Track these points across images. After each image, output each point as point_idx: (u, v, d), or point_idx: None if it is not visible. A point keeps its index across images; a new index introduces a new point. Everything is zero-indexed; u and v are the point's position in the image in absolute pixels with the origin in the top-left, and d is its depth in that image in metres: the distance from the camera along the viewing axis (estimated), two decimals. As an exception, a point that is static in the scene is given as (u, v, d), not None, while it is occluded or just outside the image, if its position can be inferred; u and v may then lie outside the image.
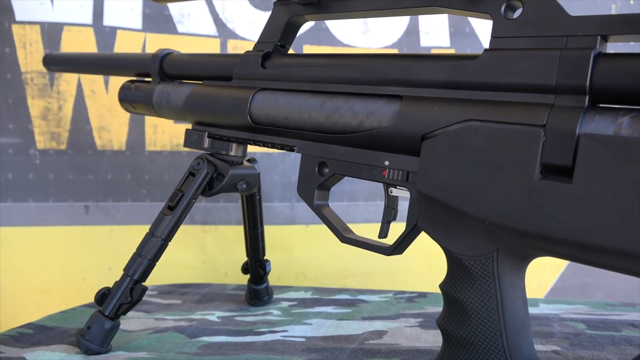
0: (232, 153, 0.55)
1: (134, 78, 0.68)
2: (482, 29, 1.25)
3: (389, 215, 0.45)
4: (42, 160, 1.07)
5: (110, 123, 1.08)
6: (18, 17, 1.04)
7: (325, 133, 0.45)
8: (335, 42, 1.18)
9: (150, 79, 0.64)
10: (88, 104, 1.07)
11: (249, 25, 1.15)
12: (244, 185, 0.55)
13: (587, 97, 0.32)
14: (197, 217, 1.13)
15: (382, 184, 0.44)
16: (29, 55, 1.04)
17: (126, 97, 0.66)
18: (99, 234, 1.10)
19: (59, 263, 1.08)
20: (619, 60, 0.32)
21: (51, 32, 1.05)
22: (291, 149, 0.49)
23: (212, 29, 1.12)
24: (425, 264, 1.18)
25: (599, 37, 0.33)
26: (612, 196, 0.30)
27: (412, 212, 0.41)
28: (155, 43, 1.09)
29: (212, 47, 1.12)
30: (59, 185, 1.08)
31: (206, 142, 0.56)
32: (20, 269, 1.06)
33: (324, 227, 0.53)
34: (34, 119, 1.06)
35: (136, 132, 1.09)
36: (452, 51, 1.25)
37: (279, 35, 0.51)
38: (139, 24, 1.09)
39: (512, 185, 0.33)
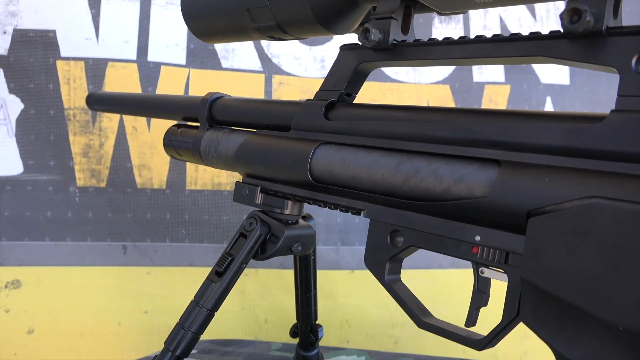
0: (288, 212, 0.49)
1: (181, 122, 0.64)
2: (540, 66, 1.18)
3: (479, 301, 0.38)
4: (81, 198, 1.04)
5: (151, 161, 1.05)
6: (63, 53, 1.02)
7: (401, 198, 0.39)
8: (383, 77, 1.13)
9: (197, 124, 0.59)
10: (129, 141, 1.04)
11: (294, 61, 1.11)
12: (300, 248, 0.49)
13: None
14: (237, 259, 1.07)
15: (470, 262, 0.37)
16: (72, 91, 1.02)
17: (171, 143, 0.61)
18: (136, 275, 1.06)
19: (94, 305, 1.04)
20: None
21: (95, 68, 1.03)
22: (358, 212, 0.43)
23: (256, 64, 1.09)
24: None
25: None
26: None
27: (512, 302, 0.34)
28: (200, 78, 1.06)
29: (257, 82, 1.08)
30: (97, 224, 1.04)
31: (258, 197, 0.50)
32: (55, 311, 1.03)
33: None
34: (75, 155, 1.03)
35: (177, 171, 1.05)
36: (507, 87, 1.18)
37: (345, 83, 0.45)
38: (183, 60, 1.06)
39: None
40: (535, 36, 0.34)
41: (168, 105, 0.63)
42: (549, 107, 1.19)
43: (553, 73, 1.19)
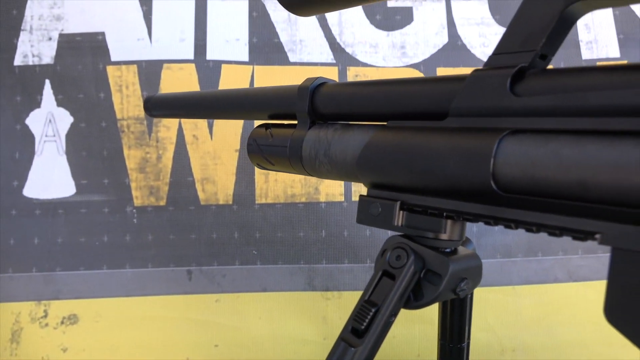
0: (446, 236, 0.34)
1: (268, 121, 0.49)
2: (662, 33, 0.99)
3: None
4: (139, 219, 0.92)
5: (215, 173, 0.92)
6: (114, 57, 0.91)
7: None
8: (476, 61, 0.97)
9: (294, 122, 0.45)
10: (190, 152, 0.92)
11: (371, 49, 0.96)
12: (466, 288, 0.34)
13: None
14: (316, 281, 0.93)
15: None
16: (125, 99, 0.91)
17: (260, 149, 0.47)
18: (204, 304, 0.93)
19: (159, 340, 0.91)
20: None
21: (149, 71, 0.91)
22: (585, 238, 0.27)
23: (328, 56, 0.94)
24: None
25: None
26: None
27: None
28: (265, 76, 0.93)
29: (330, 75, 0.94)
30: (159, 247, 0.92)
31: (399, 217, 0.35)
32: (116, 348, 0.91)
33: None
34: (131, 171, 0.92)
35: (244, 183, 0.92)
36: (624, 63, 0.99)
37: (542, 37, 0.29)
38: (245, 56, 0.93)
39: None
40: None
41: (251, 100, 0.49)
42: None
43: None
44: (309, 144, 0.42)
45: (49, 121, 0.91)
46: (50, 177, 0.91)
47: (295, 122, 0.45)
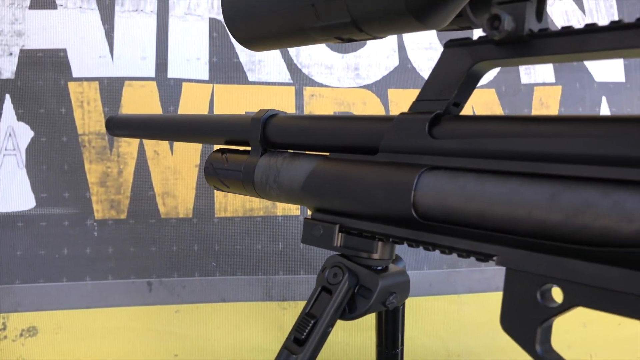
0: (378, 256, 0.39)
1: (224, 147, 0.53)
2: (592, 62, 1.08)
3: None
4: (100, 232, 0.94)
5: (175, 188, 0.95)
6: (75, 74, 0.93)
7: (560, 242, 0.29)
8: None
9: (248, 148, 0.49)
10: (151, 167, 0.94)
11: (326, 70, 1.01)
12: (395, 301, 0.39)
13: None
14: (273, 292, 0.97)
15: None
16: (87, 115, 0.93)
17: (216, 172, 0.51)
18: (164, 314, 0.95)
19: (119, 351, 0.93)
20: None
21: (111, 88, 0.93)
22: (486, 259, 0.33)
23: (286, 76, 0.99)
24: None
25: None
26: None
27: None
28: (225, 94, 0.96)
29: (287, 95, 0.99)
30: (119, 259, 0.94)
31: (338, 239, 0.40)
32: (75, 359, 0.92)
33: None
34: (92, 185, 0.94)
35: (204, 197, 0.95)
36: (559, 88, 1.08)
37: (454, 89, 0.35)
38: (205, 75, 0.97)
39: None
40: None
41: (208, 126, 0.53)
42: (604, 108, 1.08)
43: (607, 70, 1.09)
44: (261, 170, 0.47)
45: (9, 135, 0.92)
46: (9, 191, 0.92)
47: (249, 148, 0.49)
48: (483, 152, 0.33)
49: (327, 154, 0.42)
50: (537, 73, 1.07)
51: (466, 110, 0.38)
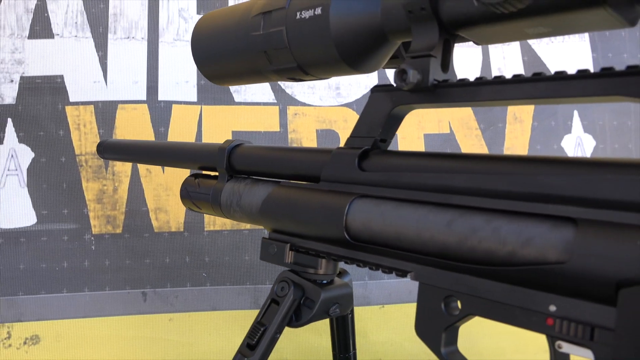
0: (322, 271, 0.45)
1: (197, 172, 0.59)
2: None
3: (557, 378, 0.33)
4: (97, 245, 1.00)
5: (167, 203, 1.01)
6: (72, 98, 0.99)
7: (456, 261, 0.34)
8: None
9: (216, 174, 0.55)
10: (144, 185, 1.00)
11: (308, 90, 1.07)
12: (338, 310, 0.44)
13: None
14: (261, 300, 1.03)
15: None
16: (83, 136, 0.99)
17: (189, 195, 0.57)
18: (158, 323, 1.01)
19: (116, 356, 0.99)
20: None
21: (105, 111, 1.00)
22: (404, 275, 0.38)
23: (270, 96, 1.05)
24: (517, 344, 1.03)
25: None
26: None
27: (604, 385, 0.29)
28: (212, 115, 1.03)
29: (271, 114, 1.05)
30: (115, 272, 1.00)
31: (288, 256, 0.46)
32: (75, 365, 0.98)
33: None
34: (89, 202, 1.00)
35: (194, 212, 1.01)
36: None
37: (379, 128, 0.40)
38: (194, 97, 1.03)
39: None
40: (611, 73, 0.29)
41: (183, 154, 0.59)
42: (576, 120, 1.13)
43: (578, 84, 1.13)
44: (226, 195, 0.52)
45: (11, 156, 0.99)
46: (12, 208, 0.99)
47: (217, 174, 0.55)
48: (400, 184, 0.38)
49: (280, 180, 0.48)
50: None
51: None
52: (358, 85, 1.08)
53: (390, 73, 1.09)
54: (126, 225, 1.01)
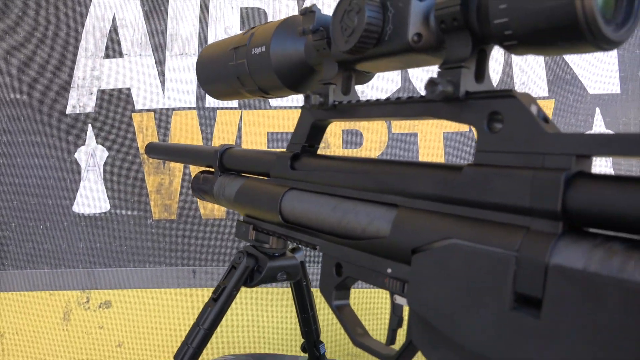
0: (273, 246, 0.58)
1: (206, 169, 0.75)
2: (585, 74, 1.16)
3: (394, 323, 0.44)
4: (157, 229, 1.20)
5: (212, 194, 1.19)
6: (137, 107, 1.20)
7: (338, 237, 0.46)
8: (422, 102, 1.18)
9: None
10: (193, 178, 1.19)
11: (337, 94, 1.19)
12: (284, 276, 0.57)
13: (560, 223, 0.30)
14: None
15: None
16: (146, 138, 1.20)
17: (196, 187, 0.73)
18: (204, 295, 1.18)
19: (171, 322, 1.19)
20: (596, 182, 0.29)
21: (163, 117, 1.19)
22: (314, 248, 0.50)
23: (300, 101, 1.19)
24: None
25: (574, 157, 0.30)
26: (578, 341, 0.27)
27: (409, 326, 0.40)
28: (251, 119, 1.19)
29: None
30: (171, 251, 1.20)
31: (251, 234, 0.60)
32: (139, 327, 1.19)
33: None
34: (150, 193, 1.20)
35: (234, 202, 1.18)
36: (552, 102, 1.17)
37: (305, 137, 0.53)
38: (235, 103, 1.19)
39: (486, 313, 0.31)
40: (423, 100, 0.40)
41: (195, 155, 0.75)
42: (598, 119, 1.16)
43: (601, 82, 1.15)
44: (217, 187, 0.67)
45: (91, 155, 1.22)
46: (91, 197, 1.21)
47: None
48: (312, 179, 0.51)
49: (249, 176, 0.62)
50: (531, 87, 1.17)
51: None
52: (382, 88, 1.19)
53: (418, 77, 1.18)
54: (179, 212, 1.20)
